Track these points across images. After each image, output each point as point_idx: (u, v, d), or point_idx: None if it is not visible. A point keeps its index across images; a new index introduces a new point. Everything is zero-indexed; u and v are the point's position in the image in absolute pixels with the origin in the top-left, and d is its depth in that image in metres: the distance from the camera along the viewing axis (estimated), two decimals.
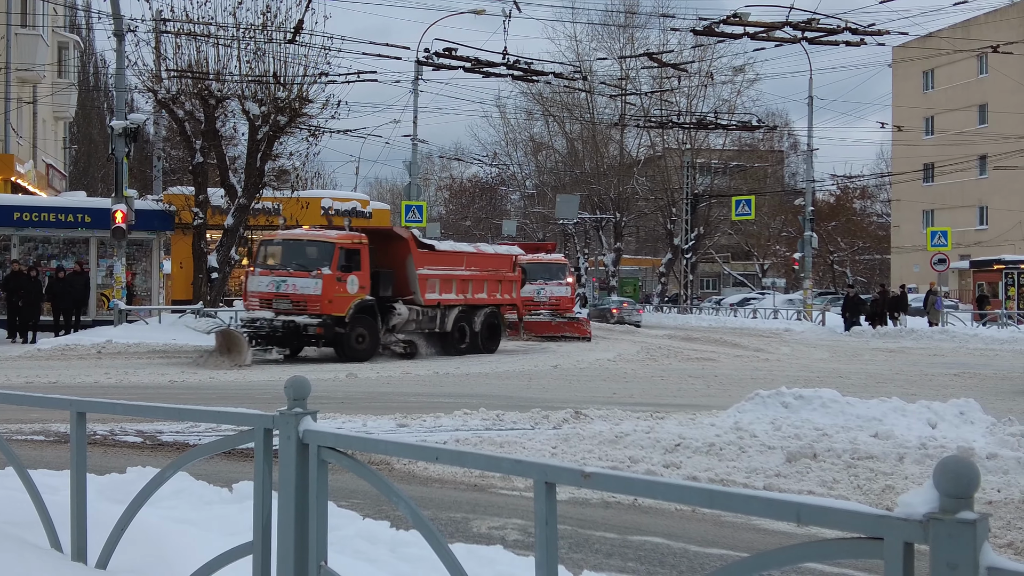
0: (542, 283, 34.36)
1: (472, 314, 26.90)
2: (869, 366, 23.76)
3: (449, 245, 27.82)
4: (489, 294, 27.54)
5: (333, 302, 22.97)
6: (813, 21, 29.72)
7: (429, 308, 25.47)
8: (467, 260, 27.05)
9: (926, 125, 65.35)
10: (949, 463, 2.17)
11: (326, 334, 23.13)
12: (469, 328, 26.79)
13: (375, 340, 24.09)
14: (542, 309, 33.51)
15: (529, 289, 32.89)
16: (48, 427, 12.08)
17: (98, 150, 54.72)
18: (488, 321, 27.37)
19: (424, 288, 25.15)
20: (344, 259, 23.25)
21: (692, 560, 6.85)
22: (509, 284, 28.55)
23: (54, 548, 4.66)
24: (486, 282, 27.43)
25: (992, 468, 9.38)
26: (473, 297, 26.84)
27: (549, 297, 34.24)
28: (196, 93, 29.47)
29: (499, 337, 28.09)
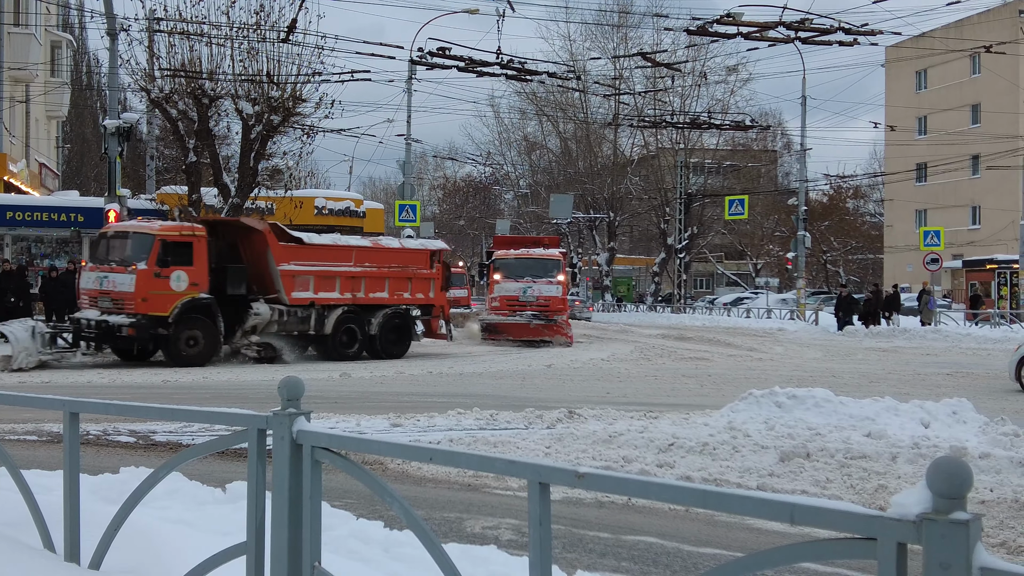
0: (529, 281, 31.48)
1: (366, 315, 24.55)
2: (862, 365, 23.80)
3: (331, 239, 25.14)
4: (392, 293, 25.08)
5: (149, 300, 21.02)
6: (806, 21, 29.77)
7: (298, 308, 23.32)
8: (357, 255, 24.51)
9: (919, 125, 65.48)
10: (942, 463, 2.17)
11: (139, 336, 21.20)
12: (362, 331, 24.40)
13: (213, 343, 22.04)
14: (528, 310, 30.98)
15: (513, 288, 31.16)
16: (41, 427, 12.06)
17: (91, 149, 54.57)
18: (390, 323, 24.90)
19: (290, 286, 23.08)
20: (165, 253, 21.26)
21: (686, 560, 6.86)
22: (424, 282, 25.86)
23: (47, 548, 4.65)
24: (388, 280, 24.93)
25: (985, 467, 9.40)
26: (367, 296, 24.53)
27: (537, 297, 31.19)
28: (189, 92, 29.40)
29: (408, 341, 25.52)
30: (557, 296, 31.34)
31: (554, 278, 31.60)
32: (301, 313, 23.40)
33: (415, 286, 25.69)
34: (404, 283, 25.40)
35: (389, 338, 25.02)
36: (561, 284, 31.72)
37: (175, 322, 21.35)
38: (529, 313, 30.83)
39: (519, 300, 31.19)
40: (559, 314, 31.08)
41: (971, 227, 61.35)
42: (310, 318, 23.54)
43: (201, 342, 21.81)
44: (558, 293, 31.40)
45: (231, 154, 33.40)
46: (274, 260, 22.83)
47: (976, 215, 61.77)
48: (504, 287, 31.59)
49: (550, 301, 31.20)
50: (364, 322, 24.49)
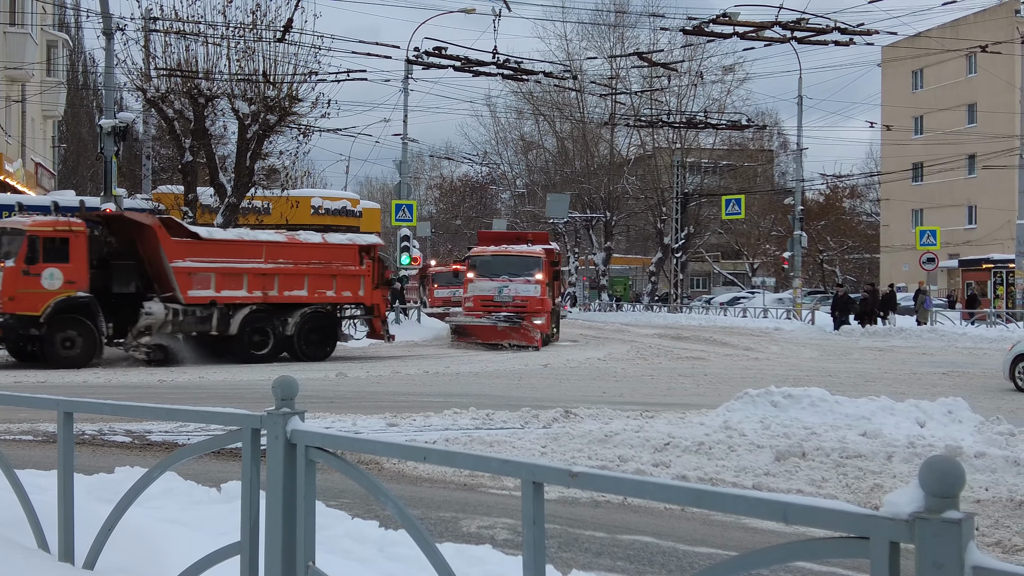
0: (506, 280, 29.58)
1: (281, 315, 23.28)
2: (858, 365, 23.82)
3: (236, 233, 24.19)
4: (313, 291, 23.67)
5: (17, 299, 20.15)
6: (802, 21, 29.79)
7: (197, 307, 22.08)
8: (269, 251, 23.11)
9: (915, 124, 65.52)
10: (935, 462, 2.17)
11: (7, 336, 20.50)
12: (275, 331, 23.15)
13: (91, 344, 20.99)
14: (503, 311, 29.10)
15: (488, 287, 29.41)
16: (36, 427, 12.05)
17: (87, 149, 54.51)
18: (312, 324, 23.68)
19: (186, 283, 21.84)
20: (35, 250, 20.34)
21: (681, 559, 6.86)
22: (352, 279, 24.34)
23: (41, 548, 4.65)
24: (307, 277, 23.49)
25: (980, 467, 9.41)
26: (282, 295, 23.20)
27: (513, 297, 29.26)
28: (185, 92, 29.40)
29: (332, 341, 24.32)
30: (535, 296, 29.42)
31: (532, 277, 29.69)
32: (200, 313, 22.16)
33: (342, 284, 24.23)
34: (327, 280, 23.94)
35: (310, 339, 23.77)
36: (539, 284, 29.65)
37: (47, 322, 20.43)
38: (502, 314, 28.95)
39: (494, 300, 29.41)
40: (537, 316, 29.22)
41: (967, 227, 61.41)
42: (211, 318, 22.29)
43: (78, 343, 20.85)
44: (536, 293, 29.47)
45: (227, 154, 33.38)
46: (166, 257, 21.65)
47: (972, 215, 61.83)
48: (478, 286, 29.96)
49: (527, 302, 29.32)
50: (279, 322, 23.21)
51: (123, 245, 22.16)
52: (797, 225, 44.57)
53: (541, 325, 29.28)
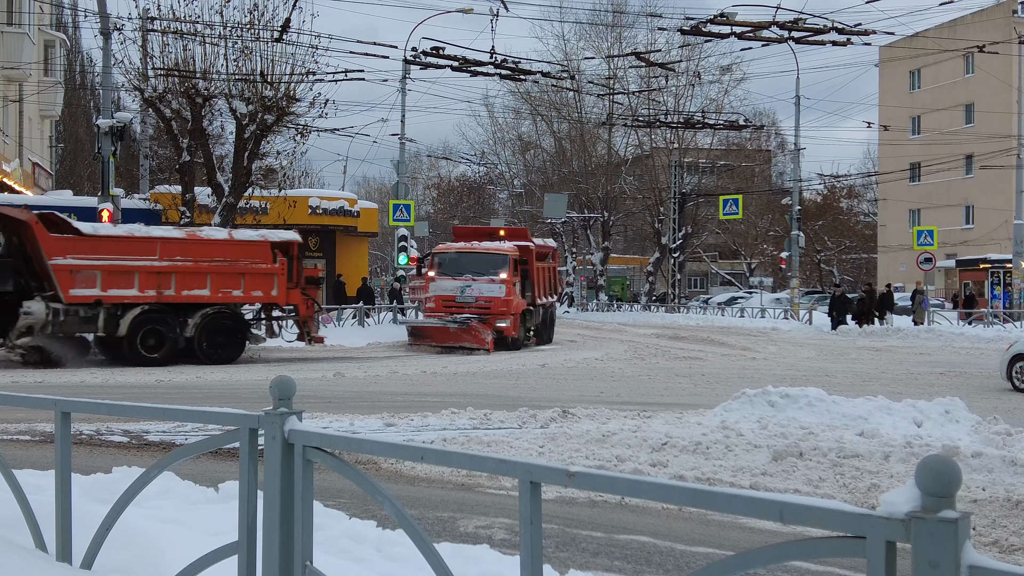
0: (469, 279, 27.87)
1: (180, 316, 22.07)
2: (855, 365, 23.84)
3: (124, 229, 22.70)
4: (216, 290, 22.33)
5: None
6: (800, 21, 29.80)
7: (80, 307, 20.93)
8: (165, 248, 21.84)
9: (912, 125, 65.59)
10: (931, 462, 2.18)
11: None
12: (172, 333, 21.87)
13: None
14: (466, 312, 27.48)
15: (450, 286, 27.82)
16: (34, 427, 12.05)
17: (84, 149, 54.51)
18: (215, 325, 22.38)
19: (67, 282, 20.71)
20: None
21: (678, 559, 6.87)
22: (263, 278, 22.90)
23: (39, 548, 4.65)
24: (209, 275, 22.19)
25: (977, 467, 9.42)
26: (179, 294, 21.94)
27: (476, 298, 27.60)
28: (183, 92, 29.39)
29: (239, 343, 22.93)
30: (500, 297, 27.58)
31: (497, 276, 27.78)
32: (84, 313, 21.00)
33: (251, 283, 22.81)
34: (233, 279, 22.57)
35: (214, 341, 22.44)
36: (505, 283, 27.73)
37: None
38: (457, 316, 27.32)
39: (456, 301, 27.78)
40: (501, 318, 27.43)
41: (964, 227, 61.48)
42: (96, 318, 21.14)
43: None
44: (500, 293, 27.61)
45: (225, 154, 33.39)
46: (45, 254, 20.60)
47: (969, 215, 61.90)
48: (440, 285, 28.19)
49: (491, 303, 27.56)
50: (176, 323, 21.99)
51: (9, 242, 21.14)
52: (795, 225, 44.60)
53: (505, 328, 27.53)
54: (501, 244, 29.52)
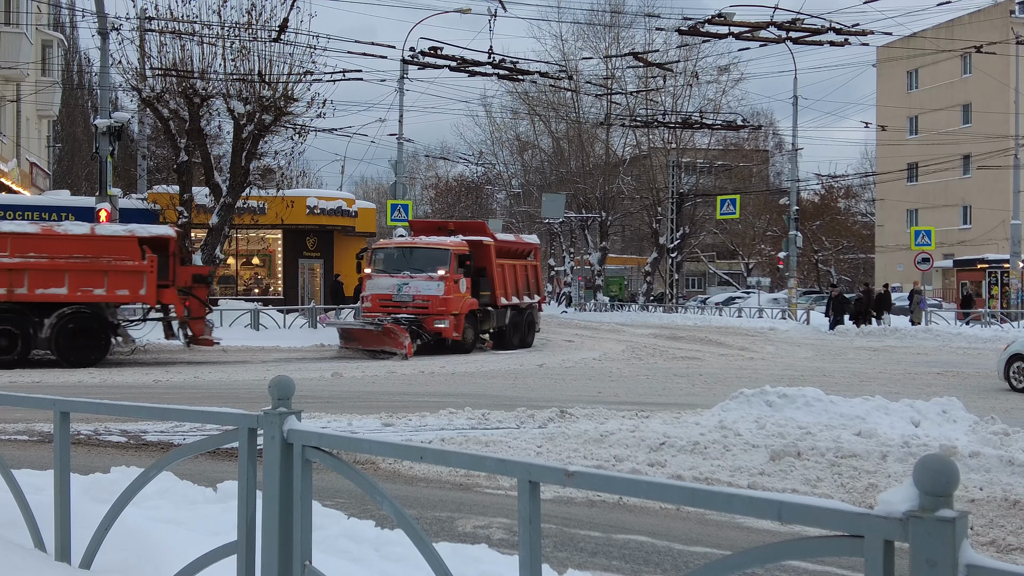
0: (406, 276, 25.95)
1: (34, 315, 20.95)
2: (853, 365, 23.85)
3: None
4: (75, 289, 21.02)
5: None
6: (797, 21, 29.83)
7: None
8: (16, 244, 20.73)
9: (910, 125, 65.63)
10: (928, 462, 2.18)
11: None
12: (26, 333, 20.83)
13: None
14: (404, 312, 25.68)
15: (387, 284, 26.00)
16: (32, 427, 12.04)
17: (82, 149, 54.47)
18: (74, 325, 21.24)
19: None
20: None
21: (676, 558, 6.87)
22: (130, 276, 21.46)
23: (38, 548, 4.65)
24: (67, 273, 20.90)
25: (974, 466, 9.43)
26: (33, 292, 20.73)
27: (413, 296, 25.71)
28: (181, 91, 29.38)
29: (103, 345, 21.69)
30: (437, 295, 25.56)
31: (435, 273, 25.68)
32: None
33: (115, 281, 21.35)
34: (95, 277, 21.16)
35: (74, 342, 21.25)
36: (443, 280, 25.60)
37: None
38: (386, 317, 25.40)
39: (392, 300, 25.94)
40: (439, 318, 25.53)
41: (962, 227, 61.52)
42: None
43: None
44: (438, 291, 25.56)
45: (223, 153, 33.39)
46: None
47: (967, 215, 61.94)
48: (377, 284, 26.40)
49: (429, 302, 25.61)
50: (31, 323, 20.87)
51: None
52: (792, 225, 44.62)
53: (443, 329, 25.63)
54: (442, 239, 27.31)
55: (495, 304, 27.93)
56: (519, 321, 29.49)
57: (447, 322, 25.72)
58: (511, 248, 30.18)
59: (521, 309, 29.67)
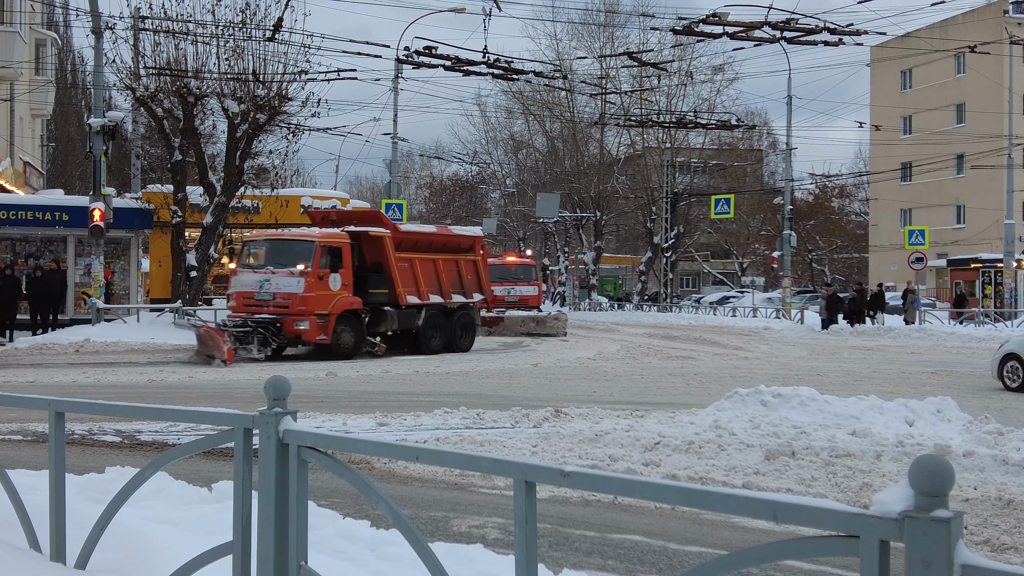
0: (269, 272, 23.87)
1: None
2: (847, 364, 23.89)
3: None
4: None
5: None
6: (792, 21, 29.86)
7: None
8: None
9: (904, 124, 65.72)
10: (924, 461, 2.19)
11: None
12: None
13: None
14: (265, 312, 23.61)
15: (251, 281, 23.94)
16: (26, 426, 12.03)
17: (76, 148, 54.35)
18: None
19: None
20: None
21: (671, 558, 6.88)
22: None
23: (33, 548, 4.65)
24: None
25: (969, 466, 9.45)
26: None
27: (274, 294, 23.61)
28: (175, 91, 29.35)
29: None
30: (297, 293, 23.27)
31: (296, 269, 23.41)
32: None
33: None
34: None
35: None
36: (306, 276, 23.27)
37: None
38: (263, 316, 23.39)
39: (255, 298, 23.75)
40: (300, 319, 23.14)
41: (956, 226, 61.63)
42: None
43: None
44: (298, 289, 23.28)
45: (217, 153, 33.36)
46: None
47: (961, 214, 62.05)
48: (240, 280, 24.23)
49: (289, 300, 23.33)
50: None
51: None
52: (786, 225, 44.67)
53: (304, 331, 23.32)
54: (309, 230, 25.19)
55: (396, 303, 25.38)
56: (442, 323, 26.71)
57: (307, 323, 23.26)
58: (432, 240, 27.43)
59: (449, 310, 27.06)
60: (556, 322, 35.70)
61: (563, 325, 35.58)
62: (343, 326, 24.04)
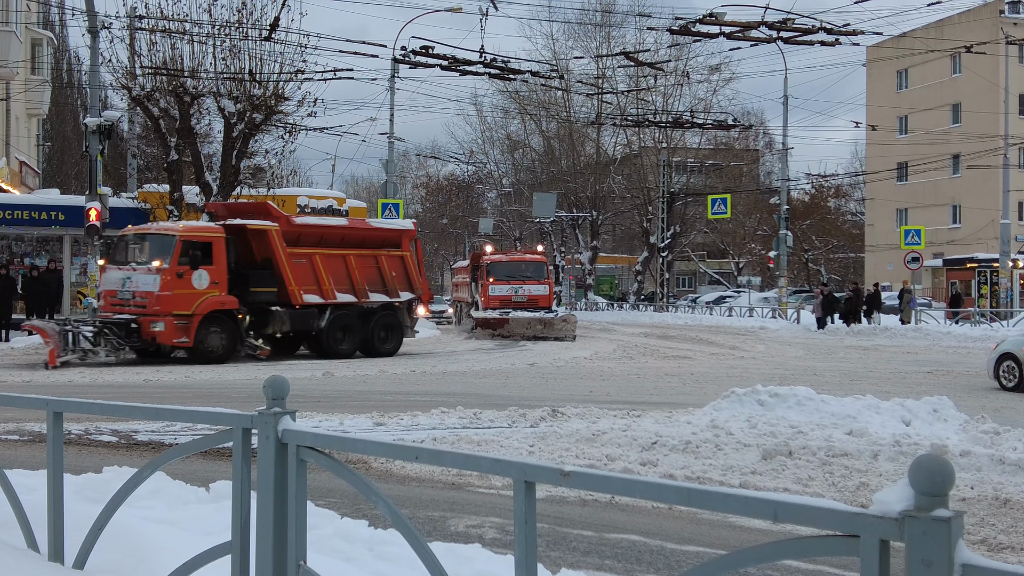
0: (131, 269, 22.31)
1: None
2: (843, 364, 23.91)
3: None
4: None
5: None
6: (788, 21, 29.88)
7: None
8: None
9: (900, 124, 65.78)
10: (924, 461, 2.19)
11: None
12: None
13: None
14: (127, 312, 21.95)
15: (116, 279, 22.50)
16: (22, 426, 12.01)
17: (72, 147, 54.31)
18: None
19: None
20: None
21: (669, 558, 6.88)
22: None
23: (31, 548, 4.64)
24: None
25: (965, 465, 9.46)
26: None
27: (133, 293, 22.04)
28: (171, 90, 29.33)
29: None
30: (153, 292, 21.63)
31: (153, 266, 21.79)
32: None
33: None
34: None
35: None
36: (162, 273, 21.62)
37: None
38: (124, 317, 21.86)
39: (118, 297, 22.36)
40: (155, 320, 21.48)
41: (952, 226, 61.70)
42: None
43: None
44: (154, 288, 21.63)
45: (213, 152, 33.33)
46: None
47: (957, 214, 62.12)
48: (107, 278, 22.97)
49: (147, 299, 21.72)
50: None
51: None
52: (782, 224, 44.70)
53: (159, 333, 21.60)
54: (172, 224, 23.88)
55: (291, 303, 23.54)
56: (355, 324, 24.78)
57: (162, 324, 21.52)
58: (344, 235, 25.28)
59: (367, 310, 25.15)
60: (565, 324, 33.51)
61: (572, 328, 33.49)
62: (214, 328, 22.25)
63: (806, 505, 2.39)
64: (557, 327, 33.31)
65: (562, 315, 34.68)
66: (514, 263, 36.66)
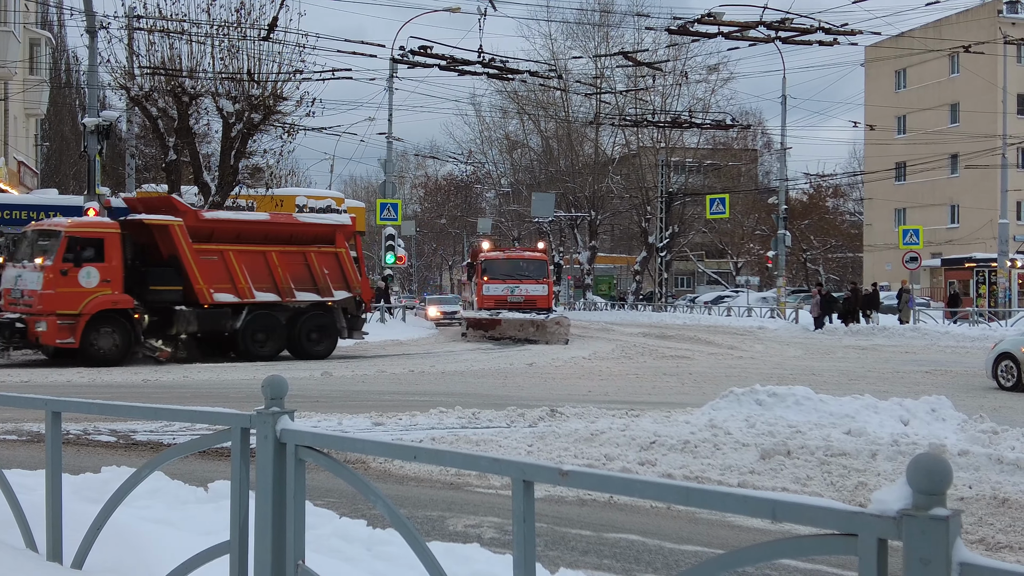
0: (22, 267, 21.75)
1: None
2: (842, 363, 23.91)
3: None
4: None
5: None
6: (787, 21, 29.88)
7: None
8: None
9: (898, 124, 65.80)
10: (922, 460, 2.19)
11: None
12: None
13: None
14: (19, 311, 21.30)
15: (10, 276, 21.97)
16: (20, 426, 12.00)
17: (70, 147, 54.28)
18: None
19: None
20: None
21: (667, 557, 6.88)
22: None
23: (29, 548, 4.64)
24: None
25: (963, 465, 9.47)
26: None
27: (23, 292, 21.35)
28: (169, 90, 29.31)
29: None
30: (36, 290, 20.83)
31: (37, 264, 21.08)
32: None
33: None
34: None
35: None
36: (46, 271, 20.77)
37: None
38: (15, 316, 21.09)
39: (10, 296, 21.79)
40: (39, 320, 20.61)
41: (950, 226, 61.72)
42: None
43: None
44: (37, 285, 20.82)
45: (211, 152, 33.32)
46: None
47: (955, 214, 62.14)
48: (6, 275, 22.23)
49: (32, 299, 20.96)
50: None
51: None
52: (781, 224, 44.71)
53: (42, 333, 20.67)
54: (61, 220, 22.73)
55: (197, 302, 22.39)
56: (277, 325, 23.54)
57: (45, 324, 20.58)
58: (266, 231, 23.82)
59: (295, 310, 23.89)
60: (557, 327, 31.94)
61: (565, 332, 31.92)
62: (105, 328, 21.19)
63: (804, 504, 2.39)
64: (550, 330, 31.95)
65: (554, 317, 32.84)
66: (512, 261, 35.23)
